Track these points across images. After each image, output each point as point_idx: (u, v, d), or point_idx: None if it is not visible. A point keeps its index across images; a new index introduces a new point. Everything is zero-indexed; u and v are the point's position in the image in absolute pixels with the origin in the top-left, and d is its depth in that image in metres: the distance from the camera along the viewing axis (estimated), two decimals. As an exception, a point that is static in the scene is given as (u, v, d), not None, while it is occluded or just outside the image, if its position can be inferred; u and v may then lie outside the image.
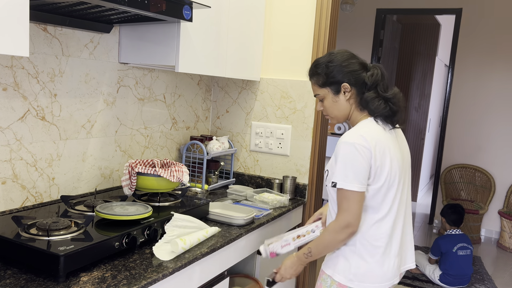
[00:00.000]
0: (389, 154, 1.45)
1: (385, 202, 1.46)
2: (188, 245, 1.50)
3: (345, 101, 1.52)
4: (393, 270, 1.50)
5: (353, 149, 1.40)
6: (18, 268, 1.27)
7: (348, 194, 1.40)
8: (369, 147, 1.40)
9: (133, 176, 1.77)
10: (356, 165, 1.39)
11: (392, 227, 1.48)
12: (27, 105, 1.62)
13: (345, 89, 1.50)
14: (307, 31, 2.36)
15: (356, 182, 1.39)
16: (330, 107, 1.54)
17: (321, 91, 1.54)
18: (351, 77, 1.49)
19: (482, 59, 5.00)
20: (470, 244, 3.59)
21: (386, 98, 1.49)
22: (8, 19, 1.11)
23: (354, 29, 5.57)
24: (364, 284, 1.46)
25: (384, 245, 1.47)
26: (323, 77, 1.51)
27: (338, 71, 1.49)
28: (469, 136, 5.13)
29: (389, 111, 1.49)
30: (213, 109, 2.69)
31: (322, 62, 1.53)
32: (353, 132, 1.44)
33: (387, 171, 1.44)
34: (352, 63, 1.50)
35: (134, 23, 1.80)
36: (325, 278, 1.53)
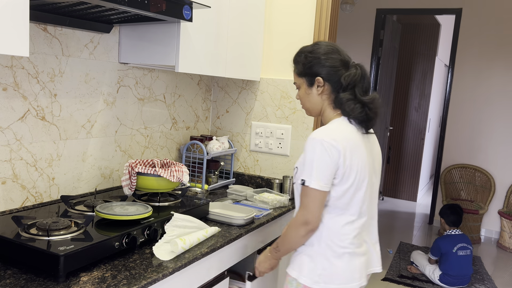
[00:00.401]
0: (359, 156, 1.41)
1: (353, 204, 1.43)
2: (188, 245, 1.50)
3: (316, 95, 1.49)
4: (360, 271, 1.47)
5: (320, 146, 1.36)
6: (18, 268, 1.27)
7: (309, 192, 1.37)
8: (338, 147, 1.36)
9: (133, 176, 1.77)
10: (321, 164, 1.35)
11: (358, 228, 1.45)
12: (27, 105, 1.62)
13: (319, 83, 1.46)
14: (307, 31, 2.36)
15: (318, 181, 1.35)
16: (303, 97, 1.53)
17: (297, 80, 1.53)
18: (327, 72, 1.44)
19: (482, 59, 5.00)
20: (470, 244, 3.60)
21: (363, 102, 1.43)
22: (8, 19, 1.11)
23: (354, 29, 5.57)
24: (330, 285, 1.43)
25: (351, 246, 1.44)
26: (301, 66, 1.49)
27: (315, 63, 1.45)
28: (469, 136, 5.13)
29: (365, 116, 1.44)
30: (213, 109, 2.69)
31: (304, 51, 1.50)
32: (323, 129, 1.41)
33: (355, 173, 1.40)
34: (332, 58, 1.45)
35: (134, 23, 1.80)
36: (290, 281, 1.49)
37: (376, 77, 5.54)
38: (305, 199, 1.39)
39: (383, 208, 6.07)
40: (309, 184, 1.36)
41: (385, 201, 6.50)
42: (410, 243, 4.61)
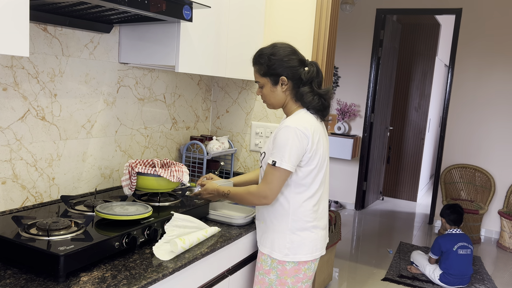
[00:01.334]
0: (322, 141, 1.63)
1: (315, 182, 1.64)
2: (188, 245, 1.50)
3: (281, 92, 1.66)
4: (321, 242, 1.71)
5: (294, 133, 1.55)
6: (18, 268, 1.28)
7: (277, 171, 1.55)
8: (307, 134, 1.56)
9: (133, 176, 1.77)
10: (292, 148, 1.54)
11: (318, 204, 1.67)
12: (27, 105, 1.62)
13: (283, 82, 1.64)
14: (307, 31, 2.36)
15: (288, 162, 1.54)
16: (268, 95, 1.68)
17: (261, 80, 1.67)
18: (290, 71, 1.62)
19: (482, 59, 5.00)
20: (471, 243, 3.60)
21: (319, 94, 1.65)
22: (8, 19, 1.11)
23: (354, 29, 5.57)
24: (297, 255, 1.65)
25: (313, 220, 1.66)
26: (265, 67, 1.64)
27: (278, 65, 1.62)
28: (469, 136, 5.13)
29: (321, 106, 1.66)
30: (213, 109, 2.70)
31: (265, 53, 1.64)
32: (295, 119, 1.60)
33: (319, 156, 1.62)
34: (292, 59, 1.62)
35: (134, 23, 1.80)
36: (264, 259, 1.69)
37: (376, 77, 5.54)
38: (271, 176, 1.57)
39: (383, 208, 6.07)
40: (280, 165, 1.54)
41: (385, 201, 6.50)
42: (410, 243, 4.61)
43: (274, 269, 1.67)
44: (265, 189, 1.58)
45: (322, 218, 1.70)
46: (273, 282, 1.68)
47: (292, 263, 1.65)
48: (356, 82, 5.60)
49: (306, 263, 1.67)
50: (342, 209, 5.78)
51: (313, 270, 1.71)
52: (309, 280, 1.71)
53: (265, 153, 1.67)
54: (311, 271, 1.70)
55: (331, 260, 3.43)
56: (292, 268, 1.66)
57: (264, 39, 2.47)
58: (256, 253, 1.95)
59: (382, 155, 6.35)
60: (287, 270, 1.66)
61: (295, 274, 1.66)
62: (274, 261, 1.66)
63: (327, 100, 1.67)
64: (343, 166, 5.78)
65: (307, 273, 1.68)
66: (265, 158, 1.65)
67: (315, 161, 1.61)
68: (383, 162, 6.44)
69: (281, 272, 1.66)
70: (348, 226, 5.09)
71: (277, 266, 1.66)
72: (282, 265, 1.65)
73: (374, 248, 4.40)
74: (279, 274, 1.66)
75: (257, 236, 1.77)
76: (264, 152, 1.68)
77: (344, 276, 3.70)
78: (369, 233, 4.91)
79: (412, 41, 6.49)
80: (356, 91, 5.62)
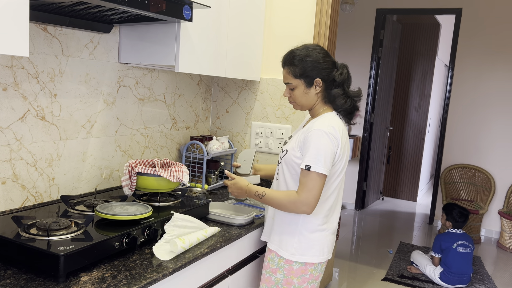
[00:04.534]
0: (347, 146, 1.63)
1: (333, 186, 1.64)
2: (188, 245, 1.50)
3: (314, 94, 1.65)
4: (329, 246, 1.69)
5: (326, 137, 1.54)
6: (18, 268, 1.27)
7: (316, 176, 1.52)
8: (338, 137, 1.56)
9: (133, 176, 1.77)
10: (327, 152, 1.54)
11: (332, 208, 1.66)
12: (27, 105, 1.62)
13: (317, 84, 1.63)
14: (307, 31, 2.36)
15: (325, 167, 1.53)
16: (300, 96, 1.66)
17: (294, 81, 1.65)
18: (325, 73, 1.62)
19: (482, 59, 5.00)
20: (472, 243, 3.59)
21: (351, 95, 1.66)
22: (8, 19, 1.11)
23: (354, 29, 5.57)
24: (304, 256, 1.64)
25: (324, 223, 1.65)
26: (300, 69, 1.62)
27: (314, 66, 1.61)
28: (469, 136, 5.13)
29: (352, 108, 1.67)
30: (213, 109, 2.69)
31: (300, 54, 1.63)
32: (325, 122, 1.58)
33: (344, 160, 1.63)
34: (327, 61, 1.63)
35: (134, 23, 1.80)
36: (272, 258, 1.70)
37: (376, 77, 5.54)
38: (312, 183, 1.53)
39: (383, 208, 6.07)
40: (315, 169, 1.51)
41: (385, 201, 6.50)
42: (410, 243, 4.61)
43: (281, 268, 1.67)
44: (308, 196, 1.52)
45: (333, 222, 1.69)
46: (279, 281, 1.68)
47: (299, 264, 1.64)
48: (356, 82, 5.58)
49: (313, 264, 1.66)
50: (342, 209, 5.78)
51: (320, 271, 1.70)
52: (316, 281, 1.70)
53: (287, 151, 1.65)
54: (317, 272, 1.69)
55: (331, 260, 3.43)
56: (298, 269, 1.65)
57: (264, 39, 2.47)
58: (257, 253, 1.96)
59: (382, 155, 6.35)
60: (293, 270, 1.65)
61: (302, 274, 1.66)
62: (281, 261, 1.66)
63: (357, 102, 1.68)
64: (343, 166, 5.77)
65: (313, 273, 1.67)
66: (287, 156, 1.63)
67: (340, 164, 1.61)
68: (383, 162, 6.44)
69: (287, 271, 1.66)
70: (348, 226, 5.09)
71: (284, 266, 1.66)
72: (289, 265, 1.65)
73: (374, 248, 4.40)
74: (286, 274, 1.66)
75: (265, 230, 1.77)
76: (286, 149, 1.66)
77: (344, 276, 3.70)
78: (369, 233, 4.91)
79: (412, 41, 6.49)
80: (356, 91, 5.61)
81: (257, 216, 1.95)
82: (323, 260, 1.68)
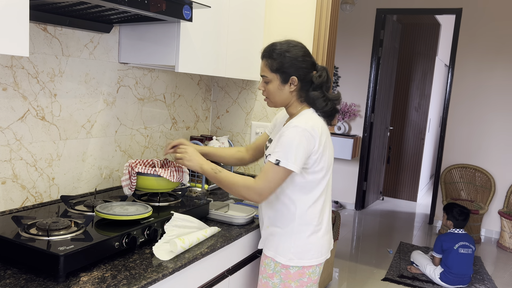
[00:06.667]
0: (328, 145, 1.59)
1: (320, 186, 1.60)
2: (188, 245, 1.50)
3: (288, 92, 1.61)
4: (326, 246, 1.68)
5: (302, 134, 1.49)
6: (18, 268, 1.27)
7: (281, 170, 1.49)
8: (315, 135, 1.52)
9: (133, 176, 1.77)
10: (299, 148, 1.49)
11: (322, 208, 1.64)
12: (27, 105, 1.62)
13: (292, 82, 1.59)
14: (307, 31, 2.36)
15: (294, 163, 1.48)
16: (274, 92, 1.62)
17: (270, 75, 1.60)
18: (301, 72, 1.58)
19: (482, 59, 5.00)
20: (473, 244, 3.59)
21: (331, 99, 1.62)
22: (8, 19, 1.11)
23: (354, 29, 5.57)
24: (302, 260, 1.61)
25: (319, 224, 1.63)
26: (277, 63, 1.57)
27: (292, 63, 1.56)
28: (469, 136, 5.13)
29: (333, 111, 1.63)
30: (213, 109, 2.69)
31: (280, 48, 1.58)
32: (303, 119, 1.54)
33: (326, 158, 1.58)
34: (306, 61, 1.58)
35: (134, 23, 1.80)
36: (268, 263, 1.66)
37: (376, 77, 5.54)
38: (273, 175, 1.50)
39: (383, 208, 6.07)
40: (285, 164, 1.48)
41: (385, 201, 6.50)
42: (410, 243, 4.61)
43: (277, 273, 1.64)
44: (265, 187, 1.50)
45: (327, 221, 1.68)
46: (276, 286, 1.65)
47: (296, 267, 1.62)
48: (356, 82, 5.59)
49: (311, 267, 1.64)
50: (342, 209, 5.78)
51: (318, 274, 1.68)
52: (314, 284, 1.68)
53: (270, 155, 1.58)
54: (316, 275, 1.66)
55: (331, 260, 3.43)
56: (296, 272, 1.63)
57: (264, 39, 2.47)
58: (256, 254, 1.96)
59: (382, 155, 6.35)
60: (291, 274, 1.63)
61: (299, 278, 1.63)
62: (277, 265, 1.63)
63: (336, 106, 1.64)
64: (343, 166, 5.78)
65: (311, 277, 1.65)
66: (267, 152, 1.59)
67: (322, 163, 1.57)
68: (383, 162, 6.44)
69: (284, 276, 1.63)
70: (348, 226, 5.09)
71: (280, 270, 1.63)
72: (286, 269, 1.62)
73: (374, 248, 4.39)
74: (283, 278, 1.64)
75: (261, 238, 1.74)
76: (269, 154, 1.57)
77: (344, 276, 3.70)
78: (369, 233, 4.91)
79: (412, 41, 6.49)
80: (356, 91, 5.62)
81: (257, 215, 1.95)
82: (322, 262, 1.67)
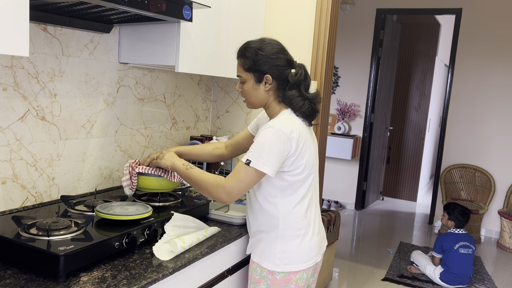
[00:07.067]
0: (308, 146, 1.52)
1: (303, 187, 1.55)
2: (188, 245, 1.50)
3: (264, 91, 1.56)
4: (316, 249, 1.61)
5: (276, 135, 1.44)
6: (18, 268, 1.27)
7: (252, 171, 1.43)
8: (291, 137, 1.45)
9: (134, 176, 1.77)
10: (273, 150, 1.43)
11: (308, 210, 1.58)
12: (27, 105, 1.62)
13: (267, 80, 1.54)
14: (307, 31, 2.36)
15: (266, 165, 1.42)
16: (249, 92, 1.58)
17: (244, 75, 1.56)
18: (275, 70, 1.52)
19: (482, 59, 5.00)
20: (473, 243, 3.58)
21: (309, 98, 1.55)
22: (8, 19, 1.11)
23: (354, 29, 5.57)
24: (289, 266, 1.56)
25: (305, 227, 1.57)
26: (250, 62, 1.53)
27: (265, 61, 1.52)
28: (469, 136, 5.13)
29: (311, 110, 1.56)
30: (213, 109, 2.70)
31: (252, 47, 1.54)
32: (280, 121, 1.50)
33: (305, 160, 1.51)
34: (280, 58, 1.53)
35: (134, 23, 1.80)
36: (255, 268, 1.62)
37: (376, 77, 5.54)
38: (245, 175, 1.44)
39: (383, 208, 6.07)
40: (255, 165, 1.42)
41: (385, 201, 6.50)
42: (410, 243, 4.61)
43: (264, 278, 1.59)
44: (235, 186, 1.44)
45: (314, 223, 1.61)
46: None
47: (282, 273, 1.56)
48: (356, 82, 5.59)
49: (297, 273, 1.57)
50: (342, 209, 5.78)
51: (305, 279, 1.60)
52: None
53: None
54: (303, 280, 1.59)
55: (331, 260, 3.43)
56: (282, 278, 1.57)
57: (264, 39, 2.47)
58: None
59: (382, 155, 6.35)
60: (277, 280, 1.57)
61: (286, 284, 1.57)
62: (263, 270, 1.58)
63: (316, 105, 1.58)
64: (343, 166, 5.78)
65: (298, 283, 1.58)
66: None
67: (301, 165, 1.50)
68: (383, 162, 6.44)
69: (271, 282, 1.58)
70: (348, 226, 5.09)
71: (267, 276, 1.58)
72: (272, 274, 1.57)
73: (374, 248, 4.40)
74: (269, 284, 1.58)
75: (249, 243, 1.70)
76: None
77: (344, 276, 3.70)
78: (369, 233, 4.91)
79: (412, 41, 6.49)
80: (356, 91, 5.62)
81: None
82: (309, 266, 1.59)
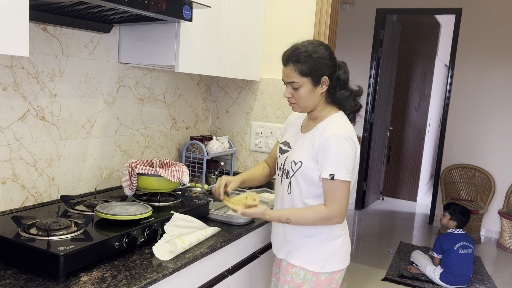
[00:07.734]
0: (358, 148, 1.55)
1: None
2: (188, 245, 1.50)
3: (319, 94, 1.55)
4: (350, 249, 1.67)
5: (346, 142, 1.47)
6: (18, 268, 1.27)
7: (343, 185, 1.47)
8: (355, 140, 1.50)
9: (134, 176, 1.77)
10: (349, 157, 1.48)
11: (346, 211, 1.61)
12: (27, 105, 1.62)
13: (324, 82, 1.53)
14: (307, 31, 2.36)
15: (348, 173, 1.47)
16: (305, 97, 1.54)
17: (300, 79, 1.52)
18: (331, 71, 1.53)
19: (482, 59, 5.00)
20: (473, 243, 3.59)
21: (356, 94, 1.60)
22: (8, 19, 1.11)
23: (354, 29, 5.57)
24: (333, 266, 1.59)
25: (345, 226, 1.63)
26: (307, 66, 1.50)
27: (323, 63, 1.51)
28: (469, 136, 5.13)
29: (359, 107, 1.62)
30: (213, 109, 2.69)
31: (306, 50, 1.51)
32: (339, 125, 1.51)
33: (358, 163, 1.58)
34: (333, 59, 1.55)
35: (134, 23, 1.80)
36: (297, 272, 1.61)
37: (376, 77, 5.54)
38: (340, 193, 1.47)
39: (383, 208, 6.07)
40: (339, 177, 1.45)
41: (385, 201, 6.50)
42: (410, 243, 4.61)
43: (307, 281, 1.59)
44: (339, 207, 1.48)
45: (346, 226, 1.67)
46: None
47: (326, 274, 1.59)
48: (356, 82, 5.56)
49: (339, 272, 1.62)
50: (342, 209, 5.78)
51: (342, 277, 1.66)
52: None
53: (301, 163, 1.53)
54: (341, 279, 1.66)
55: (331, 260, 3.42)
56: (326, 279, 1.59)
57: (264, 39, 2.47)
58: (256, 254, 1.96)
59: (382, 155, 6.35)
60: (321, 281, 1.59)
61: (329, 284, 1.60)
62: (308, 273, 1.59)
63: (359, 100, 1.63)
64: (343, 166, 5.77)
65: (338, 281, 1.64)
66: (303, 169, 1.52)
67: (357, 168, 1.56)
68: (383, 162, 6.44)
69: (315, 284, 1.59)
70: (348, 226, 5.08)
71: (311, 278, 1.59)
72: (317, 276, 1.58)
73: (374, 248, 4.39)
74: (313, 286, 1.59)
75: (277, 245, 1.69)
76: (300, 161, 1.54)
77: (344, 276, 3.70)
78: (369, 233, 4.91)
79: (412, 41, 6.49)
80: (356, 91, 5.62)
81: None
82: (348, 264, 1.65)
